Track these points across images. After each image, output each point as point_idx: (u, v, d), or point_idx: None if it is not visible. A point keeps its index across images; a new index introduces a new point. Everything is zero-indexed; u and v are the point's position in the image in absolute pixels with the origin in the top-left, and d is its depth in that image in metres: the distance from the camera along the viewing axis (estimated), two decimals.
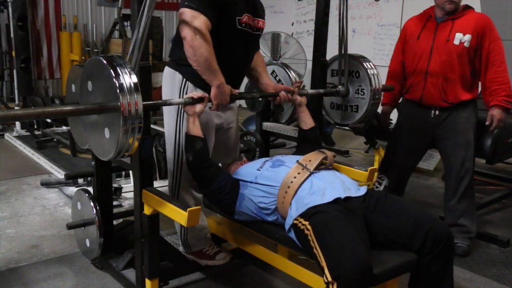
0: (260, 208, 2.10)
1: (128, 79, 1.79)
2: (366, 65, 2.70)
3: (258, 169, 2.18)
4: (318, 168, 2.09)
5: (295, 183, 2.01)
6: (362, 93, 2.72)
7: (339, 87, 2.77)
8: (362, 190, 2.03)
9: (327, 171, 2.10)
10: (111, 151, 1.85)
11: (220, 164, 2.46)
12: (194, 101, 2.10)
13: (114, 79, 1.77)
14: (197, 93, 2.12)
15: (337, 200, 1.92)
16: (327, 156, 2.14)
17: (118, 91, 1.76)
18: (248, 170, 2.21)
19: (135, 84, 1.80)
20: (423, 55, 2.86)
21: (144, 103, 1.86)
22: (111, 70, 1.78)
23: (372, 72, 2.69)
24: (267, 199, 2.08)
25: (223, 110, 2.38)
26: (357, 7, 6.30)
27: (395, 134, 3.13)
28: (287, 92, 2.44)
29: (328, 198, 1.92)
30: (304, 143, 2.47)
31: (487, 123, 2.81)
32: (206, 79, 2.12)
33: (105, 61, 1.81)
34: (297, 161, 2.11)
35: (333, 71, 2.87)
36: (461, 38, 2.74)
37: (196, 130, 2.12)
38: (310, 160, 2.10)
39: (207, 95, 2.13)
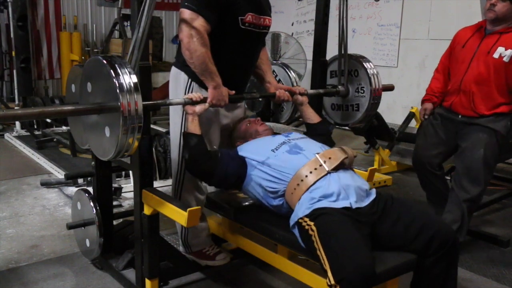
0: (267, 192, 2.05)
1: (128, 79, 1.79)
2: (366, 65, 2.70)
3: (273, 150, 2.08)
4: (337, 168, 1.98)
5: (309, 180, 1.93)
6: (362, 91, 2.71)
7: (339, 87, 2.77)
8: (372, 195, 1.98)
9: (345, 173, 1.99)
10: (111, 151, 1.86)
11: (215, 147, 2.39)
12: (193, 102, 2.11)
13: (114, 79, 1.77)
14: (196, 94, 2.12)
15: (346, 208, 1.87)
16: (347, 157, 2.03)
17: (118, 91, 1.76)
18: (261, 148, 2.12)
19: (135, 84, 1.80)
20: (463, 64, 2.86)
21: (144, 103, 1.86)
22: (111, 70, 1.78)
23: (372, 72, 2.69)
24: (277, 184, 2.02)
25: (231, 110, 2.39)
26: (357, 7, 6.30)
27: (424, 126, 3.10)
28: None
29: (339, 204, 1.87)
30: (313, 136, 2.34)
31: None
32: (203, 80, 2.15)
33: (105, 61, 1.81)
34: (317, 154, 2.01)
35: (331, 72, 2.86)
36: (502, 52, 2.74)
37: (194, 128, 2.12)
38: (330, 158, 1.99)
39: (206, 96, 2.13)
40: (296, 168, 1.98)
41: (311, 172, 1.95)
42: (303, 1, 7.18)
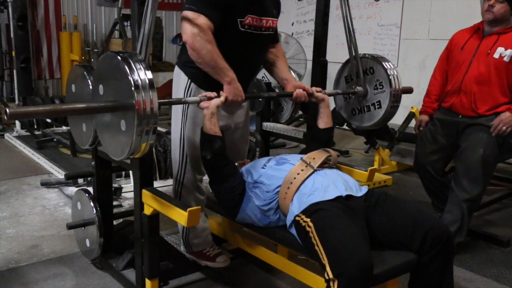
0: (263, 211, 2.09)
1: (143, 75, 1.74)
2: (386, 64, 2.63)
3: (263, 167, 2.16)
4: (322, 166, 2.08)
5: (298, 180, 2.01)
6: (381, 87, 2.64)
7: (357, 87, 2.69)
8: (363, 190, 2.03)
9: (331, 170, 2.10)
10: (125, 151, 1.81)
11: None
12: (209, 99, 2.06)
13: (130, 76, 1.71)
14: (213, 93, 2.08)
15: (338, 198, 1.92)
16: (331, 155, 2.14)
17: (133, 88, 1.71)
18: (252, 169, 2.19)
19: (150, 80, 1.74)
20: (463, 65, 2.88)
21: (159, 101, 1.81)
22: (126, 66, 1.73)
23: (392, 73, 2.61)
24: (270, 198, 2.06)
25: (233, 111, 2.37)
26: (357, 7, 6.31)
27: (422, 133, 3.11)
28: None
29: (330, 195, 1.92)
30: (315, 142, 2.38)
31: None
32: (216, 79, 2.10)
33: (119, 57, 1.77)
34: (301, 159, 2.11)
35: (346, 78, 2.80)
36: (502, 52, 2.76)
37: (214, 127, 2.06)
38: (314, 158, 2.10)
39: (221, 92, 2.10)
40: (285, 175, 2.05)
41: (298, 174, 2.03)
42: (303, 1, 7.19)
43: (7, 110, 1.63)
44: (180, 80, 2.28)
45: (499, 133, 2.77)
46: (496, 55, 2.77)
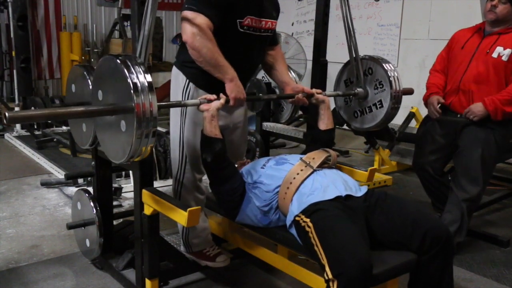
0: (263, 212, 2.09)
1: (143, 78, 1.74)
2: (386, 66, 2.63)
3: (262, 167, 2.16)
4: (321, 166, 2.08)
5: (298, 179, 2.01)
6: (381, 86, 2.64)
7: (358, 89, 2.69)
8: (363, 190, 2.03)
9: (330, 170, 2.10)
10: (125, 153, 1.81)
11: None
12: (209, 102, 2.06)
13: (129, 79, 1.71)
14: (212, 95, 2.08)
15: (338, 198, 1.92)
16: (330, 155, 2.14)
17: (132, 91, 1.71)
18: (252, 169, 2.19)
19: (149, 83, 1.74)
20: (462, 64, 2.89)
21: (159, 103, 1.82)
22: (125, 69, 1.73)
23: (392, 74, 2.61)
24: (270, 199, 2.07)
25: (231, 111, 2.36)
26: (357, 7, 6.31)
27: (422, 131, 3.12)
28: (305, 95, 2.37)
29: (330, 195, 1.92)
30: (315, 143, 2.37)
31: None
32: (218, 77, 2.10)
33: (118, 60, 1.77)
34: (301, 159, 2.11)
35: (345, 81, 2.81)
36: (501, 51, 2.76)
37: (214, 130, 2.06)
38: (313, 158, 2.10)
39: (221, 94, 2.10)
40: (284, 175, 2.05)
41: (298, 174, 2.03)
42: (303, 1, 7.19)
43: (7, 114, 1.63)
44: (178, 81, 2.28)
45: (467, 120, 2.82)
46: (494, 55, 2.78)
